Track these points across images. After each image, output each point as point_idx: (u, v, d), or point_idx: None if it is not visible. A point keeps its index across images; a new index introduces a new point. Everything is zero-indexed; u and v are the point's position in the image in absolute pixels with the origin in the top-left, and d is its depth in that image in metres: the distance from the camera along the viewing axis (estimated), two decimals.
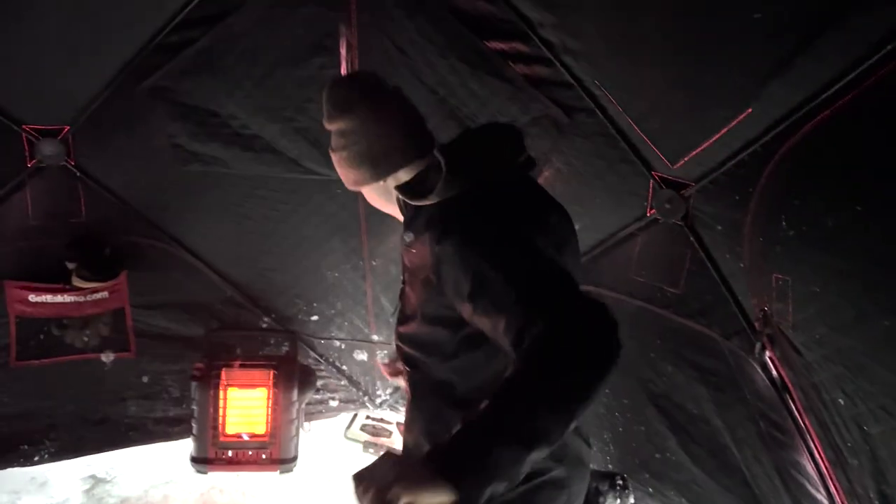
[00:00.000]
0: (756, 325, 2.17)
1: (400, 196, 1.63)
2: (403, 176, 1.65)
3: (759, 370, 2.18)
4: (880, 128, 1.65)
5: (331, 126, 1.67)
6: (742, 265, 2.14)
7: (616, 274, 2.50)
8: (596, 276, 2.49)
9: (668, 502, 2.44)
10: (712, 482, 2.29)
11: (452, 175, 1.52)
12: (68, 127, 2.62)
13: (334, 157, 1.70)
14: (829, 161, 1.83)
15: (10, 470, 2.93)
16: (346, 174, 1.70)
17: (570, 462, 1.64)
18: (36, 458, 3.02)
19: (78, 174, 2.74)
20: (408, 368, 1.73)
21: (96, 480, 3.03)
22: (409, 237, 1.62)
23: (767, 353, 2.16)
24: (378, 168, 1.64)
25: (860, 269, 1.68)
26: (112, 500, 2.91)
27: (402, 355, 1.79)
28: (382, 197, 1.72)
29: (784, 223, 1.92)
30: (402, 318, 1.80)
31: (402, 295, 1.78)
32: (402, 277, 1.77)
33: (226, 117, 2.66)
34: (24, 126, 2.57)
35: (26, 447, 3.00)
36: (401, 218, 1.68)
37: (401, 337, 1.77)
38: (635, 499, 2.50)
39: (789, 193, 1.94)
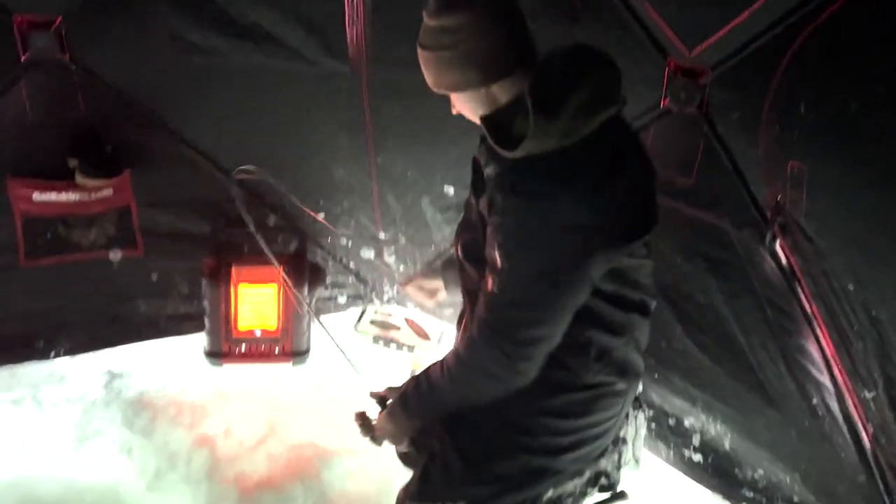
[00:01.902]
0: (768, 214, 2.17)
1: (486, 133, 1.57)
2: (508, 86, 1.56)
3: (769, 259, 2.20)
4: None
5: (438, 21, 1.52)
6: (757, 154, 2.12)
7: None
8: None
9: (672, 387, 2.51)
10: (718, 368, 2.35)
11: (541, 130, 1.45)
12: (60, 18, 2.52)
13: (429, 55, 1.57)
14: (852, 44, 1.77)
15: (29, 365, 2.99)
16: (445, 75, 1.58)
17: (631, 377, 1.81)
18: (52, 354, 3.08)
19: (74, 68, 2.65)
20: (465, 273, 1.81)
21: (113, 375, 3.10)
22: (482, 154, 1.62)
23: (778, 242, 2.18)
24: (488, 72, 1.54)
25: (882, 152, 1.66)
26: (130, 393, 2.99)
27: (459, 262, 1.81)
28: (477, 104, 1.61)
29: (803, 109, 1.88)
30: (465, 225, 1.81)
31: (467, 202, 1.78)
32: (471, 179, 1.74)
33: (224, 4, 2.55)
34: (14, 16, 2.47)
35: (41, 343, 3.05)
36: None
37: (463, 245, 1.78)
38: (642, 385, 2.59)
39: (810, 78, 1.89)
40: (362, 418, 2.03)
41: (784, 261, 2.16)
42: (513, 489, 1.84)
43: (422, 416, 1.86)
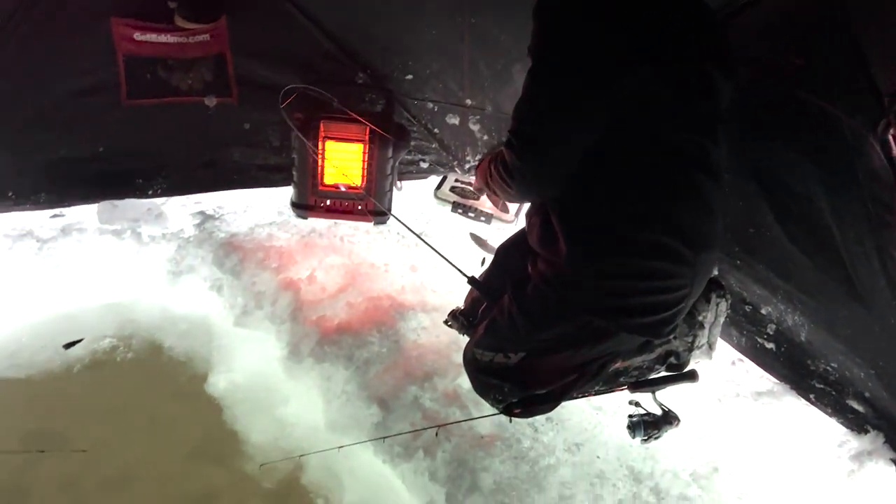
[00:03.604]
0: (885, 101, 2.03)
1: None
2: None
3: (879, 150, 2.08)
4: None
5: None
6: (881, 36, 1.96)
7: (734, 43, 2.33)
8: None
9: (755, 275, 2.47)
10: (806, 259, 2.29)
11: None
12: None
13: None
14: None
15: (129, 201, 3.17)
16: None
17: (699, 247, 1.78)
18: (150, 192, 3.25)
19: None
20: None
21: (206, 217, 3.25)
22: None
23: (892, 132, 2.05)
24: None
25: None
26: (221, 234, 3.14)
27: None
28: None
29: None
30: None
31: None
32: None
33: None
34: None
35: (141, 181, 3.22)
36: None
37: None
38: (721, 271, 2.57)
39: None
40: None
41: (895, 152, 2.04)
42: (572, 345, 1.90)
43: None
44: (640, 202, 1.73)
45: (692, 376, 2.16)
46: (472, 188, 3.35)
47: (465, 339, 2.30)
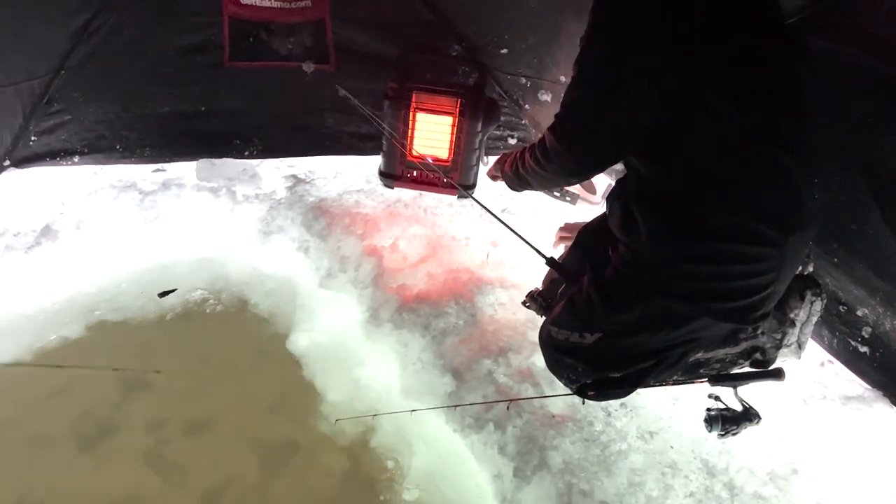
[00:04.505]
0: None
1: None
2: None
3: None
4: None
5: None
6: None
7: (854, 25, 2.19)
8: (830, 28, 2.20)
9: (854, 274, 2.35)
10: None
11: None
12: None
13: None
14: None
15: (226, 160, 3.29)
16: None
17: (790, 228, 1.70)
18: (246, 153, 3.37)
19: None
20: None
21: (297, 180, 3.35)
22: None
23: None
24: None
25: None
26: (311, 198, 3.23)
27: None
28: None
29: None
30: None
31: None
32: None
33: None
34: None
35: (238, 142, 3.34)
36: None
37: None
38: (816, 267, 2.45)
39: None
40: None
41: None
42: (649, 328, 1.86)
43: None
44: (721, 184, 1.67)
45: (778, 374, 2.08)
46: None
47: (541, 320, 2.30)
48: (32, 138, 3.07)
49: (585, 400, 2.12)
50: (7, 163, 3.07)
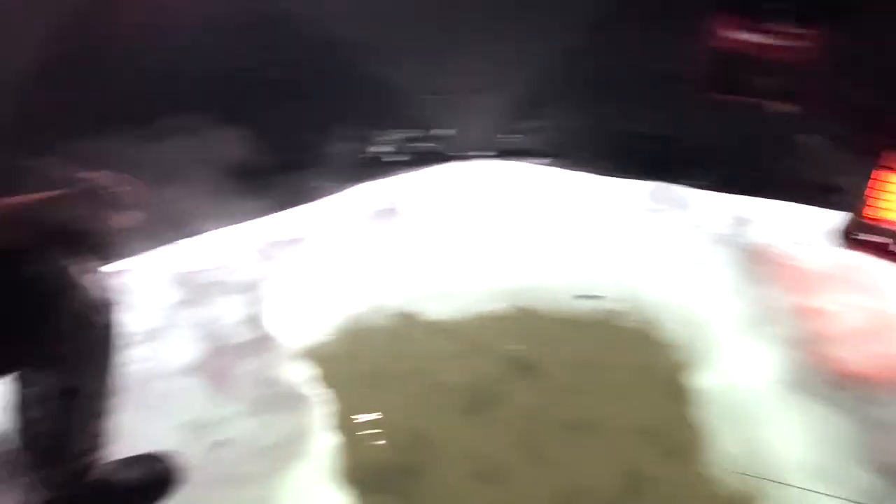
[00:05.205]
0: None
1: None
2: None
3: None
4: None
5: None
6: None
7: None
8: None
9: None
10: None
11: None
12: None
13: None
14: None
15: (675, 186, 3.42)
16: None
17: None
18: (692, 182, 3.42)
19: None
20: None
21: (740, 218, 3.29)
22: None
23: None
24: None
25: None
26: (748, 239, 3.13)
27: None
28: None
29: None
30: None
31: None
32: None
33: None
34: None
35: (690, 169, 3.41)
36: None
37: None
38: None
39: None
40: None
41: None
42: None
43: None
44: None
45: None
46: None
47: None
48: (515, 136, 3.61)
49: None
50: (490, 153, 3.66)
